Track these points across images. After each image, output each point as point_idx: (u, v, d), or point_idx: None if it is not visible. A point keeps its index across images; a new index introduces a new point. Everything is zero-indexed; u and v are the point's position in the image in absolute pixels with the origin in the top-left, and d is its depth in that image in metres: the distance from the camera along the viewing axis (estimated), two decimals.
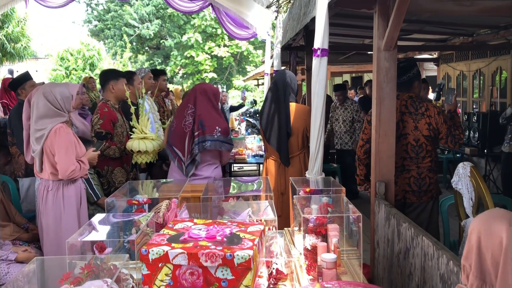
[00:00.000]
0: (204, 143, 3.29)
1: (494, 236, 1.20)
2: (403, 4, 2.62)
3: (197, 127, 3.34)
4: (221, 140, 3.30)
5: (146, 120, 3.68)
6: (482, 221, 1.25)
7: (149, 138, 3.61)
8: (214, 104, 3.41)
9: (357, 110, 6.81)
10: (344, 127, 6.75)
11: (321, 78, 3.00)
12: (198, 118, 3.34)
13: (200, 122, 3.32)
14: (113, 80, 3.77)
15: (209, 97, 3.40)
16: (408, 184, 3.23)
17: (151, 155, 3.64)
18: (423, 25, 5.90)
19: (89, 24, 24.81)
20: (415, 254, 2.37)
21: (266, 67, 7.34)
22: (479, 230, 1.23)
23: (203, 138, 3.30)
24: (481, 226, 1.23)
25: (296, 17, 4.52)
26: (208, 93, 3.42)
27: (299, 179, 2.88)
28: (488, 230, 1.22)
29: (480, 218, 1.27)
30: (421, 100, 3.32)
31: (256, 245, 1.33)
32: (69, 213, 2.94)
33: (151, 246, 1.31)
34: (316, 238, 2.14)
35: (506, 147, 5.75)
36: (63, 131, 2.90)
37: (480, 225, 1.24)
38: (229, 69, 24.55)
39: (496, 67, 7.12)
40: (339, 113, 6.80)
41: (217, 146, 3.32)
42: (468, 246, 1.26)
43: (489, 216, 1.26)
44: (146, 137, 3.61)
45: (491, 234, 1.21)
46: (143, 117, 3.68)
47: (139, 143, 3.55)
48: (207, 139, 3.29)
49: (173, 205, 2.32)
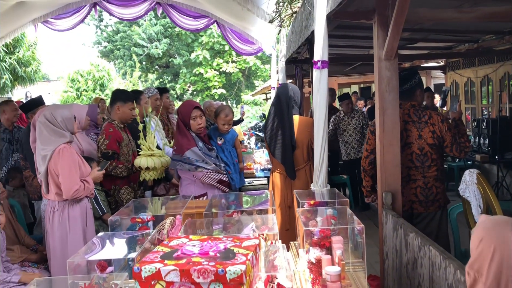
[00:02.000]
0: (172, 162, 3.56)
1: (509, 245, 1.19)
2: (401, 13, 2.63)
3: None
4: (174, 159, 3.49)
5: (152, 137, 3.74)
6: (495, 230, 1.23)
7: (156, 155, 3.68)
8: (180, 123, 3.57)
9: (364, 117, 6.79)
10: (356, 135, 6.71)
11: (322, 90, 3.00)
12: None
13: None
14: (121, 102, 3.83)
15: (179, 117, 3.60)
16: (415, 194, 3.19)
17: (159, 171, 3.71)
18: (427, 34, 5.90)
19: (98, 45, 25.19)
20: (423, 265, 2.33)
21: (272, 81, 7.38)
22: (492, 239, 1.21)
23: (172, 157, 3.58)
24: (494, 235, 1.22)
25: (298, 31, 4.54)
26: (178, 112, 3.64)
27: (303, 192, 2.87)
28: (502, 239, 1.21)
29: (490, 226, 1.25)
30: (424, 109, 3.30)
31: (249, 260, 1.33)
32: (75, 233, 2.96)
33: (144, 264, 1.31)
34: (321, 251, 2.12)
35: None
36: (67, 151, 2.94)
37: (493, 234, 1.22)
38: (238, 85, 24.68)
39: (504, 73, 7.06)
40: (346, 124, 6.77)
41: (171, 165, 3.58)
42: (480, 255, 1.23)
43: (500, 224, 1.25)
44: (153, 154, 3.68)
45: (506, 243, 1.20)
46: (150, 134, 3.74)
47: (147, 159, 3.62)
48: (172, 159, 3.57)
49: (177, 222, 2.32)
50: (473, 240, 1.27)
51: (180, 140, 3.48)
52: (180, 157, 3.41)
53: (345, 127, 6.76)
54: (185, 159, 3.39)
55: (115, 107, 3.85)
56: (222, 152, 3.76)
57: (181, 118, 3.53)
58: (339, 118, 6.86)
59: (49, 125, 2.94)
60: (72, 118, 3.02)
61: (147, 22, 23.23)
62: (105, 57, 24.60)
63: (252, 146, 10.86)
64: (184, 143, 3.44)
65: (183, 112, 3.54)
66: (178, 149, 3.44)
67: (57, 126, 2.97)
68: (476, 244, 1.24)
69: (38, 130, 2.96)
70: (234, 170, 3.74)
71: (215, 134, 3.86)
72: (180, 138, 3.49)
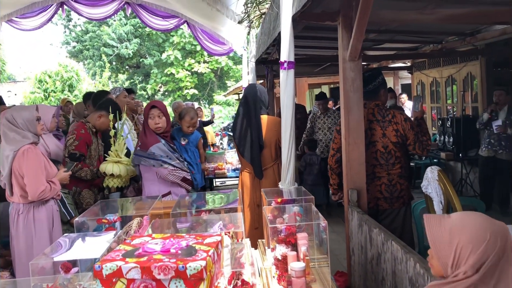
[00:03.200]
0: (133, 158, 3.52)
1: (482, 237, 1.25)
2: (364, 15, 2.70)
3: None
4: (139, 154, 3.45)
5: (122, 144, 3.69)
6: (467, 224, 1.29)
7: (124, 162, 3.62)
8: (144, 122, 3.56)
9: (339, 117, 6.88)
10: (330, 135, 6.78)
11: (289, 90, 3.05)
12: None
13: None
14: (106, 112, 3.79)
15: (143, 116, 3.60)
16: (380, 191, 3.28)
17: (123, 180, 3.64)
18: (393, 35, 6.04)
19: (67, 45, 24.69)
20: (386, 259, 2.40)
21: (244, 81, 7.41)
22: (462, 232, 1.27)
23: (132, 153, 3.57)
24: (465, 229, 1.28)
25: (267, 32, 4.59)
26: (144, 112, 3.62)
27: (271, 190, 2.91)
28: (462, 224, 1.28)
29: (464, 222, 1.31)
30: (387, 108, 3.39)
31: (210, 256, 1.35)
32: (41, 236, 2.92)
33: (105, 262, 1.32)
34: (287, 247, 2.16)
35: (485, 151, 5.88)
36: (31, 152, 2.90)
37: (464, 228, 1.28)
38: (210, 85, 24.62)
39: (467, 73, 7.29)
40: (322, 122, 6.84)
41: (135, 160, 3.48)
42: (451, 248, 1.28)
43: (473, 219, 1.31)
44: (120, 161, 3.62)
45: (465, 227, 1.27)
46: (120, 140, 3.69)
47: (113, 166, 3.56)
48: (134, 154, 3.52)
49: (145, 222, 2.32)
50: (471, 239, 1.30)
51: (144, 136, 3.48)
52: (144, 152, 3.40)
53: (321, 126, 6.84)
54: (150, 154, 3.38)
55: (97, 113, 3.81)
56: (185, 152, 3.78)
57: (144, 117, 3.57)
58: (315, 116, 6.94)
59: (10, 127, 2.89)
60: (34, 120, 2.97)
61: (117, 22, 22.91)
62: (74, 57, 24.14)
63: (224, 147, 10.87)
64: (149, 139, 3.44)
65: (144, 111, 3.61)
66: (142, 145, 3.43)
67: (18, 127, 2.92)
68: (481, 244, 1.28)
69: (1, 131, 2.91)
70: (197, 170, 3.76)
71: (178, 135, 3.87)
72: (144, 135, 3.49)
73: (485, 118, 5.77)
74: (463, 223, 1.29)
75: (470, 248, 1.25)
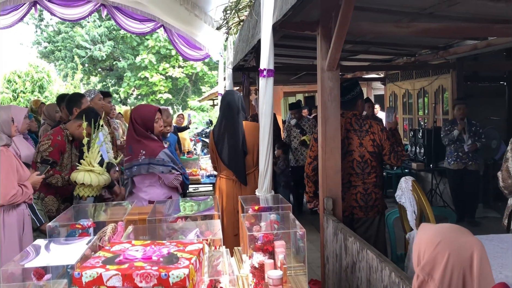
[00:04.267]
0: (131, 169, 3.35)
1: (464, 251, 1.27)
2: (343, 26, 2.74)
3: (127, 153, 3.41)
4: (145, 163, 3.32)
5: (96, 152, 3.56)
6: (449, 235, 1.31)
7: (96, 172, 3.49)
8: (138, 128, 3.39)
9: (315, 126, 6.95)
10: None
11: (268, 98, 3.06)
12: (127, 144, 3.44)
13: (129, 148, 3.39)
14: (88, 122, 3.64)
15: (136, 122, 3.40)
16: (355, 200, 3.32)
17: (94, 190, 3.50)
18: (368, 46, 6.16)
19: (38, 45, 24.14)
20: (361, 268, 2.43)
21: (220, 87, 7.40)
22: (447, 243, 1.28)
23: (130, 164, 3.36)
24: (449, 241, 1.29)
25: (245, 39, 4.60)
26: (135, 117, 3.42)
27: (248, 198, 2.90)
28: (457, 245, 1.28)
29: (447, 232, 1.33)
30: (365, 118, 3.45)
31: (193, 264, 1.34)
32: (11, 241, 2.82)
33: (85, 269, 1.29)
34: (264, 255, 2.15)
35: (453, 164, 6.01)
36: (3, 154, 2.80)
37: (448, 239, 1.29)
38: (184, 90, 24.48)
39: (438, 86, 7.49)
40: (296, 131, 6.90)
41: (143, 169, 3.32)
42: (434, 259, 1.29)
43: (455, 230, 1.33)
44: (93, 170, 3.48)
45: (461, 248, 1.28)
46: (94, 148, 3.56)
47: (84, 175, 3.42)
48: (133, 165, 3.34)
49: (119, 228, 2.28)
50: (426, 246, 1.33)
51: (149, 143, 3.36)
52: (153, 159, 3.31)
53: (296, 134, 6.89)
54: (159, 161, 3.31)
55: (78, 122, 3.68)
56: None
57: (141, 122, 3.38)
58: (290, 125, 6.99)
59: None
60: (10, 121, 2.88)
61: (90, 23, 22.55)
62: (45, 58, 23.61)
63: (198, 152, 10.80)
64: (156, 145, 3.36)
65: (146, 116, 3.41)
66: (149, 152, 3.32)
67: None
68: (431, 248, 1.30)
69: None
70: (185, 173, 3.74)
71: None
72: (148, 142, 3.36)
73: (455, 135, 5.92)
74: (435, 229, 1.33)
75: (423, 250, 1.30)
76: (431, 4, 3.79)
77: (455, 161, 6.00)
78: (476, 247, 1.27)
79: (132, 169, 3.35)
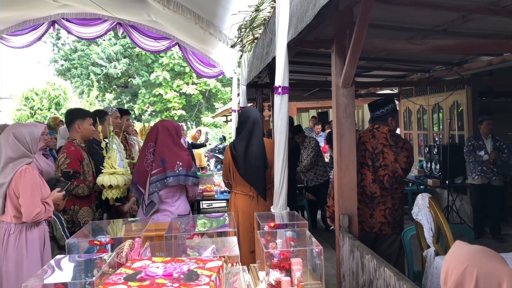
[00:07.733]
0: (166, 179, 3.35)
1: (493, 277, 1.25)
2: (357, 44, 2.76)
3: (156, 165, 3.40)
4: (183, 174, 3.35)
5: (115, 155, 3.72)
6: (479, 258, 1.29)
7: (119, 173, 3.65)
8: (174, 139, 3.46)
9: (316, 144, 6.94)
10: (310, 164, 6.81)
11: (283, 115, 3.07)
12: (158, 155, 3.41)
13: (160, 159, 3.39)
14: (80, 119, 3.76)
15: (170, 133, 3.45)
16: (384, 216, 3.27)
17: (121, 190, 3.68)
18: (382, 62, 6.17)
19: (55, 63, 24.62)
20: (378, 286, 2.40)
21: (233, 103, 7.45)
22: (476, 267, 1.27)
23: (163, 175, 3.36)
24: (480, 265, 1.27)
25: (260, 56, 4.65)
26: (169, 128, 3.48)
27: (263, 214, 2.90)
28: (487, 270, 1.26)
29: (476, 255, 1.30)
30: (398, 135, 3.43)
31: (213, 281, 1.34)
32: (32, 258, 2.84)
33: (107, 286, 1.30)
34: (280, 273, 2.15)
35: (477, 179, 5.99)
36: (29, 173, 2.85)
37: (478, 263, 1.28)
38: (198, 106, 24.67)
39: (453, 101, 7.44)
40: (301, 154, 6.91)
41: (180, 180, 3.37)
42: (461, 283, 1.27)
43: (487, 255, 1.31)
44: (116, 172, 3.64)
45: (491, 275, 1.25)
46: (112, 152, 3.72)
47: (110, 177, 3.58)
48: (168, 176, 3.35)
49: (136, 245, 2.29)
50: (454, 266, 1.31)
51: (183, 155, 3.41)
52: (189, 171, 3.37)
53: (301, 159, 6.89)
54: (194, 172, 3.37)
55: (74, 126, 3.78)
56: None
57: (171, 134, 3.45)
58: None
59: (17, 144, 2.84)
60: (39, 138, 2.94)
61: (106, 41, 22.96)
62: (61, 75, 24.05)
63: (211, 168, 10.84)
64: (190, 157, 3.43)
65: (174, 128, 3.51)
66: (185, 164, 3.37)
67: (24, 146, 2.87)
68: (460, 269, 1.28)
69: (3, 148, 2.83)
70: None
71: None
72: (182, 153, 3.42)
73: (484, 159, 5.92)
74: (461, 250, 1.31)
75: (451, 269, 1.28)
76: (445, 21, 3.80)
77: (479, 176, 5.99)
78: (506, 276, 1.24)
79: (166, 180, 3.35)
